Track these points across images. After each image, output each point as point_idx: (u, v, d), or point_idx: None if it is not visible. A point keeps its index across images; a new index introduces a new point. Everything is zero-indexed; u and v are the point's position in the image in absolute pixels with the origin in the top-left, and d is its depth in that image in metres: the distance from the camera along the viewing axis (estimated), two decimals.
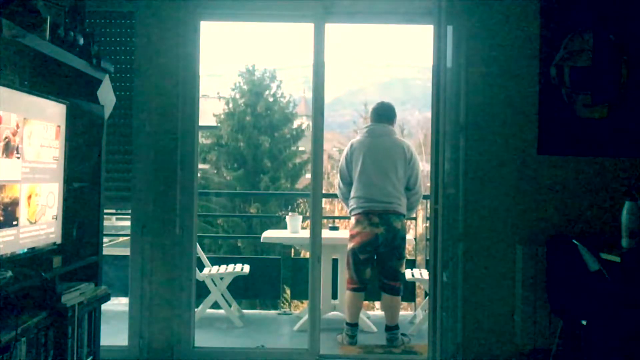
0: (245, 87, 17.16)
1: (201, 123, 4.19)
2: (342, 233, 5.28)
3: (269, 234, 5.18)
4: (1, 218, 2.38)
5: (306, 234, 4.40)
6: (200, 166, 15.81)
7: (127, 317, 3.83)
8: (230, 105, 16.96)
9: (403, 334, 4.30)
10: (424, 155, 8.13)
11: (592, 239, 3.43)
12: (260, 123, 16.64)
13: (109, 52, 3.69)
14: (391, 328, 4.25)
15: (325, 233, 4.43)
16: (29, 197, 2.60)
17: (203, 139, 16.48)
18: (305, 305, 6.43)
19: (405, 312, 4.80)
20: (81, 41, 2.95)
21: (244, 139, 16.33)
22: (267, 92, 17.24)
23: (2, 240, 2.39)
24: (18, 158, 2.50)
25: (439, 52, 3.60)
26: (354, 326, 4.27)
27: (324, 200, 5.78)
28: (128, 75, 3.82)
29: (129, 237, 3.86)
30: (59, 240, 2.89)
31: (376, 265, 4.26)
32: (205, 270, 4.93)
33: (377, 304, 5.34)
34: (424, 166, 5.47)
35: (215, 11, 3.92)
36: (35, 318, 2.55)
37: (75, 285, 2.91)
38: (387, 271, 4.25)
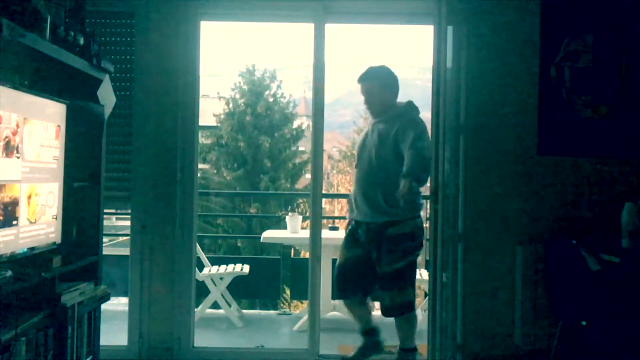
0: (245, 87, 17.18)
1: (201, 123, 4.19)
2: (342, 233, 5.27)
3: (269, 234, 5.18)
4: (1, 218, 2.38)
5: (306, 234, 4.40)
6: (200, 166, 15.81)
7: (127, 317, 3.83)
8: (230, 105, 16.99)
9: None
10: None
11: (592, 239, 3.43)
12: (260, 123, 16.66)
13: (109, 52, 3.69)
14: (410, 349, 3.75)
15: (325, 233, 4.43)
16: (29, 196, 2.60)
17: (203, 139, 16.49)
18: (305, 305, 6.43)
19: None
20: (81, 41, 2.95)
21: (244, 139, 16.35)
22: (267, 92, 17.27)
23: (2, 240, 2.39)
24: (18, 158, 2.50)
25: (439, 52, 3.59)
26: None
27: (324, 200, 5.77)
28: (128, 75, 3.82)
29: (129, 237, 3.87)
30: (58, 240, 2.89)
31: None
32: (205, 270, 4.94)
33: (377, 304, 5.20)
34: None
35: (215, 11, 3.92)
36: (35, 318, 2.55)
37: (75, 285, 2.91)
38: None
